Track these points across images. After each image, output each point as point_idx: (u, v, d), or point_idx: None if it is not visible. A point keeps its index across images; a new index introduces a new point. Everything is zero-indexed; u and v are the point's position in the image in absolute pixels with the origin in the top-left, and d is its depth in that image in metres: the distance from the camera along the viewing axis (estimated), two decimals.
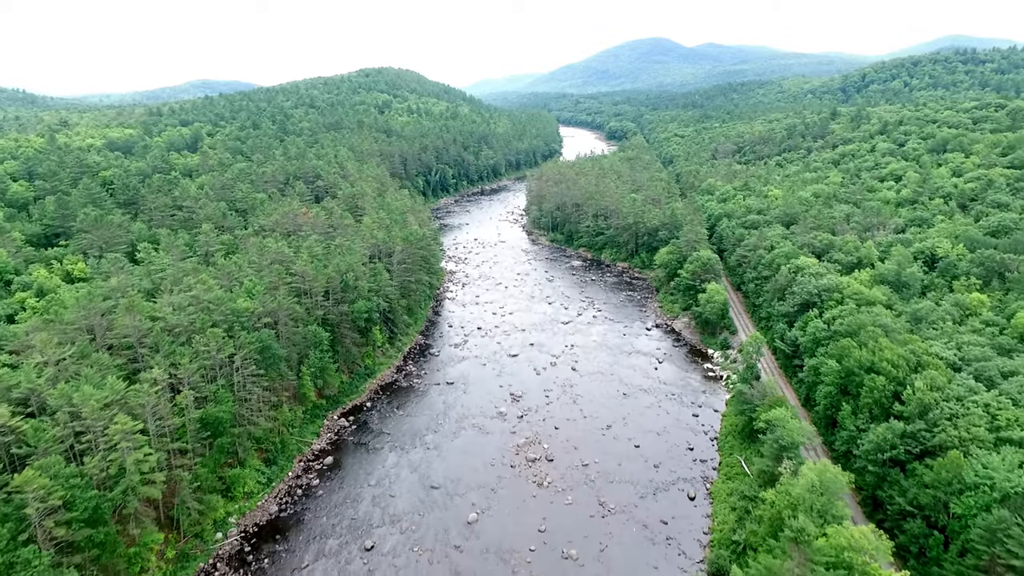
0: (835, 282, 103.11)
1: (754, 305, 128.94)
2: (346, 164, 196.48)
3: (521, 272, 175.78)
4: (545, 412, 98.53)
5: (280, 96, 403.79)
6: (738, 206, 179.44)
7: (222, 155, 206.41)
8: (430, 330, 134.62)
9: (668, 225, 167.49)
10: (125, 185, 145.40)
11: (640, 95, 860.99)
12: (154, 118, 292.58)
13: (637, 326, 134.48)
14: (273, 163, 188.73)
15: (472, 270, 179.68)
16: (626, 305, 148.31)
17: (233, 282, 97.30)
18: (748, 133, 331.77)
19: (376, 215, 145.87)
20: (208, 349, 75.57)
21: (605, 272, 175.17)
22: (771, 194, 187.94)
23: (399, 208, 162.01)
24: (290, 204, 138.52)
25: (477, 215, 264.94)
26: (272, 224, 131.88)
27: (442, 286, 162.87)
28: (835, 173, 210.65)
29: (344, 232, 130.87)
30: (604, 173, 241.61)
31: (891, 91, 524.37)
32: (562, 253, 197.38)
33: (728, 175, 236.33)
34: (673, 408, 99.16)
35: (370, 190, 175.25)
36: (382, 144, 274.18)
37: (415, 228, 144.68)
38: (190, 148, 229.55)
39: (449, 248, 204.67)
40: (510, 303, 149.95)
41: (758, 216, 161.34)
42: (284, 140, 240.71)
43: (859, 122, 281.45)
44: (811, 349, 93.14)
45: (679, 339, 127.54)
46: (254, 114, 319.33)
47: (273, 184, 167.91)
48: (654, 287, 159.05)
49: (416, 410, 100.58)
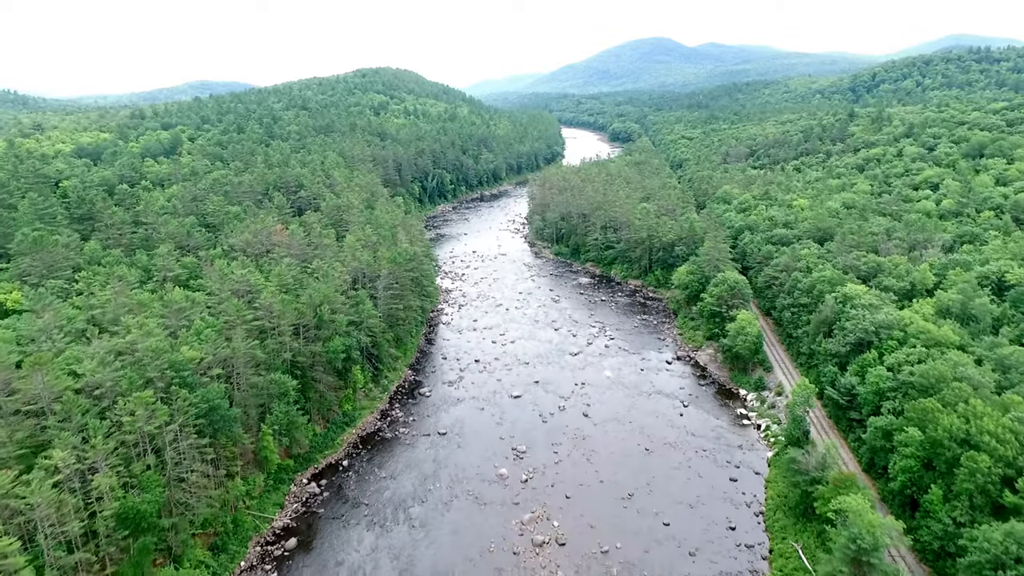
0: (894, 317, 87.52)
1: (789, 335, 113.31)
2: (333, 172, 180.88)
3: (524, 291, 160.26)
4: (554, 475, 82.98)
5: (272, 97, 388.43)
6: (760, 218, 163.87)
7: (200, 162, 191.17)
8: (422, 363, 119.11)
9: (685, 240, 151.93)
10: (80, 198, 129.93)
11: (643, 95, 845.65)
12: (135, 121, 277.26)
13: (655, 358, 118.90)
14: (253, 171, 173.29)
15: (470, 288, 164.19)
16: (641, 331, 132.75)
17: (182, 321, 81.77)
18: (760, 135, 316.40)
19: (362, 231, 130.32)
20: (133, 420, 60.07)
21: (616, 291, 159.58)
22: (796, 204, 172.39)
23: (388, 222, 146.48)
24: (263, 220, 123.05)
25: (476, 223, 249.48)
26: (242, 243, 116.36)
27: (436, 308, 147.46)
28: (862, 180, 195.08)
29: (323, 253, 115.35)
30: (611, 179, 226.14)
31: (903, 91, 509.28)
32: (568, 268, 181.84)
33: (744, 181, 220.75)
34: (706, 469, 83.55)
35: (358, 201, 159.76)
36: (375, 148, 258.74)
37: (405, 246, 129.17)
38: (168, 154, 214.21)
39: (445, 262, 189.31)
40: (512, 329, 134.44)
41: (785, 230, 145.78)
42: (269, 145, 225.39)
43: (880, 124, 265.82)
44: (873, 402, 77.54)
45: (704, 375, 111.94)
46: (242, 116, 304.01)
47: (251, 195, 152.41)
48: (671, 309, 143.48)
49: (401, 470, 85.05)
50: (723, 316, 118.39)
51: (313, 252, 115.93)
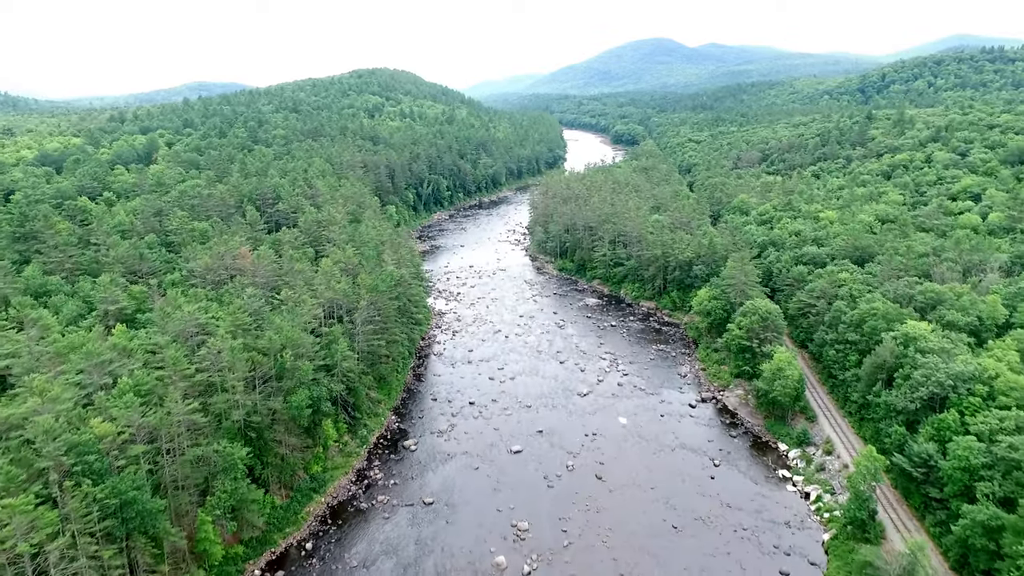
0: (974, 367, 72.31)
1: (832, 375, 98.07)
2: (316, 181, 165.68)
3: (525, 314, 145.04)
4: (563, 563, 67.72)
5: (262, 99, 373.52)
6: (785, 232, 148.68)
7: (174, 170, 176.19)
8: (408, 405, 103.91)
9: (704, 258, 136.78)
10: (24, 215, 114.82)
11: (645, 96, 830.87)
12: (113, 124, 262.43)
13: (677, 399, 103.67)
14: (228, 181, 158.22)
15: (466, 310, 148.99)
16: (658, 364, 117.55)
17: (104, 377, 66.58)
18: (773, 139, 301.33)
19: (342, 252, 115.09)
20: (6, 536, 44.90)
21: (627, 313, 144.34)
22: (823, 216, 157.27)
23: (375, 239, 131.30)
24: (227, 241, 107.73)
25: (474, 233, 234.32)
26: (203, 269, 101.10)
27: (428, 334, 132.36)
28: (891, 189, 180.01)
29: (294, 280, 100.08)
30: (619, 187, 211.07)
31: (915, 91, 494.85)
32: (573, 286, 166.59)
33: (761, 189, 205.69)
34: (749, 556, 68.23)
35: (342, 214, 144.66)
36: (367, 154, 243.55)
37: (391, 269, 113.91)
38: (142, 160, 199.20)
39: (439, 278, 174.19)
40: (512, 361, 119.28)
41: (816, 248, 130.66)
42: (252, 151, 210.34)
43: (902, 127, 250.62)
44: (961, 480, 62.22)
45: (735, 422, 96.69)
46: (228, 119, 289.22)
47: (221, 209, 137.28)
48: (691, 337, 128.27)
49: (377, 555, 69.76)
50: (754, 351, 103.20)
51: (282, 279, 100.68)
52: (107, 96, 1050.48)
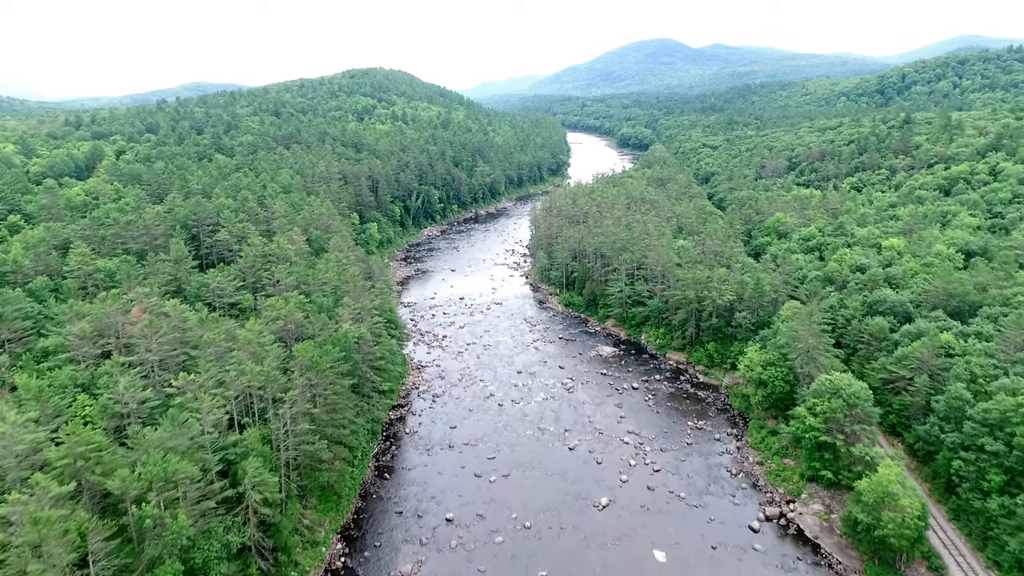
0: None
1: (949, 486, 70.29)
2: (274, 200, 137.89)
3: (524, 368, 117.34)
4: None
5: (242, 101, 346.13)
6: (844, 266, 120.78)
7: (112, 186, 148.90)
8: (363, 522, 76.01)
9: (749, 302, 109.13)
10: None
11: (650, 97, 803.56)
12: (66, 129, 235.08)
13: (731, 515, 75.77)
14: (168, 201, 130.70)
15: (452, 361, 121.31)
16: (699, 449, 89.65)
17: None
18: (799, 145, 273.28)
19: (283, 305, 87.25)
20: None
21: (651, 368, 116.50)
22: (887, 245, 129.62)
23: (333, 281, 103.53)
24: (117, 297, 79.90)
25: (467, 253, 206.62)
26: (75, 340, 73.29)
27: (402, 396, 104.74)
28: (957, 208, 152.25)
29: (202, 353, 72.29)
30: (633, 203, 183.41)
31: (939, 93, 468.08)
32: (582, 327, 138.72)
33: (798, 206, 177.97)
34: None
35: (299, 243, 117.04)
36: (347, 163, 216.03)
37: (346, 327, 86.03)
38: (81, 172, 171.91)
39: (423, 314, 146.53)
40: (506, 444, 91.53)
41: (892, 292, 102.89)
42: (211, 160, 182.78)
43: (950, 132, 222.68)
44: None
45: (817, 556, 68.77)
46: (200, 123, 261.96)
47: (145, 240, 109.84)
48: (736, 409, 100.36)
49: None
50: (836, 450, 75.50)
51: (182, 355, 72.91)
52: (103, 97, 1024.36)
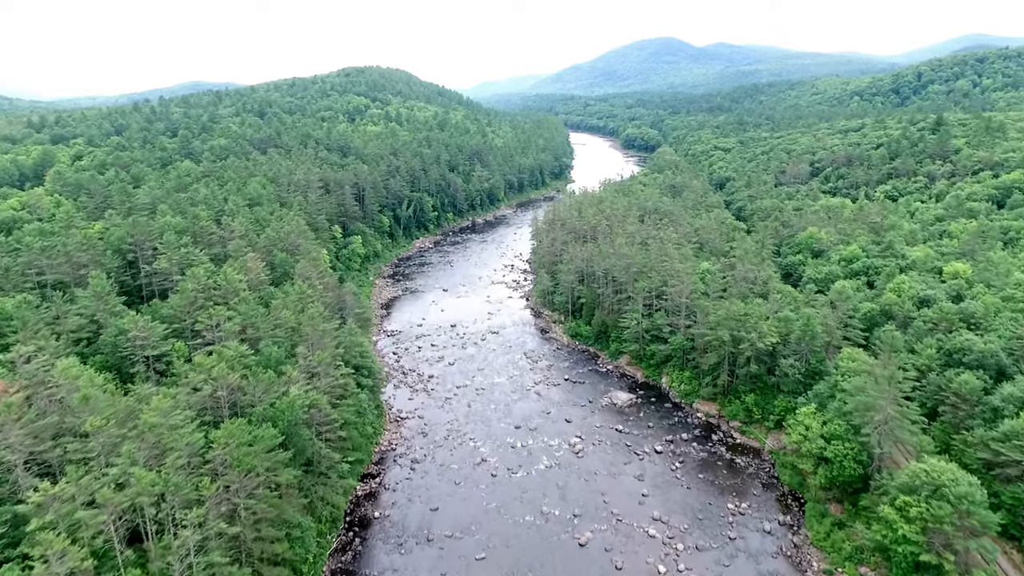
0: None
1: None
2: (232, 219, 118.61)
3: (523, 421, 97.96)
4: None
5: (226, 101, 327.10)
6: (902, 296, 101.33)
7: (50, 199, 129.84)
8: None
9: (798, 347, 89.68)
10: None
11: (654, 97, 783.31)
12: (26, 131, 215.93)
13: None
14: (109, 219, 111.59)
15: (436, 411, 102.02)
16: (745, 543, 70.13)
17: None
18: (820, 148, 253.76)
19: (214, 363, 67.83)
20: None
21: (676, 423, 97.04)
22: (949, 271, 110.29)
23: (289, 319, 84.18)
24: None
25: (462, 269, 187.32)
26: None
27: (375, 459, 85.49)
28: (1021, 223, 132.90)
29: (85, 448, 52.94)
30: (647, 215, 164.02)
31: (959, 92, 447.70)
32: (591, 364, 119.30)
33: (830, 218, 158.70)
34: None
35: (251, 276, 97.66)
36: (330, 169, 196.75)
37: (294, 394, 66.77)
38: (26, 181, 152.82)
39: (407, 345, 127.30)
40: (499, 535, 72.15)
41: (975, 336, 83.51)
42: (176, 167, 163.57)
43: (992, 136, 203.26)
44: None
45: None
46: (175, 125, 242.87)
47: (64, 271, 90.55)
48: (786, 484, 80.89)
49: None
50: (941, 572, 56.15)
51: (64, 446, 53.55)
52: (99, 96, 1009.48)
